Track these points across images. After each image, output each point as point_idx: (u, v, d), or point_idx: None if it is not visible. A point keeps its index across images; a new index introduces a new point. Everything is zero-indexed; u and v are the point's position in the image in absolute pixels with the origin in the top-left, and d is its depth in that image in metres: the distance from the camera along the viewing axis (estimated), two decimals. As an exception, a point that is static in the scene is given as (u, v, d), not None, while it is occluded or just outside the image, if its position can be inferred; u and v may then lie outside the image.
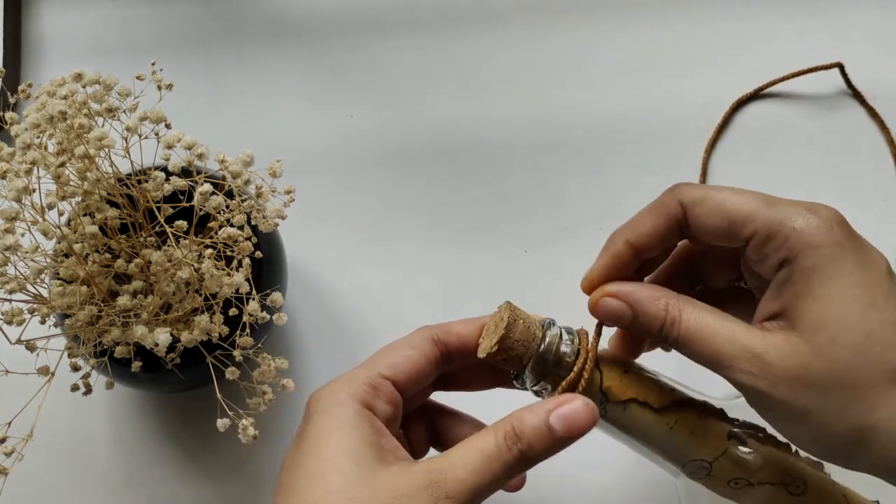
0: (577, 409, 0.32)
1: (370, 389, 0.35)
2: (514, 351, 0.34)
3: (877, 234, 0.53)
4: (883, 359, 0.30)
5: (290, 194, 0.39)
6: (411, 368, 0.36)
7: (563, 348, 0.34)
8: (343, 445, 0.33)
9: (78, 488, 0.49)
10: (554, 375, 0.34)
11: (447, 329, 0.37)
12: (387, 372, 0.36)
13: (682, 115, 0.56)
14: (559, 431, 0.32)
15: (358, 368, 0.36)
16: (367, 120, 0.57)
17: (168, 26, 0.60)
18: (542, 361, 0.34)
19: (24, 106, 0.54)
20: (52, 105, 0.35)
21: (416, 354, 0.36)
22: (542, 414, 0.32)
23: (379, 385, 0.35)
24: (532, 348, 0.34)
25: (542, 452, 0.32)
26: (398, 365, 0.36)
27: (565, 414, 0.32)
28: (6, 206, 0.34)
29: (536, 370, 0.34)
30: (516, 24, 0.59)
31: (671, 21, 0.59)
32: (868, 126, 0.56)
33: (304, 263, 0.52)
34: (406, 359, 0.36)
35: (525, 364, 0.34)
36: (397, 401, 0.36)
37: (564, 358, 0.34)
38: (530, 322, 0.34)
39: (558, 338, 0.34)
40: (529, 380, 0.35)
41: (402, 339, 0.37)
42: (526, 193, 0.55)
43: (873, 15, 0.58)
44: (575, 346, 0.35)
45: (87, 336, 0.38)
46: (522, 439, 0.32)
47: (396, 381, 0.36)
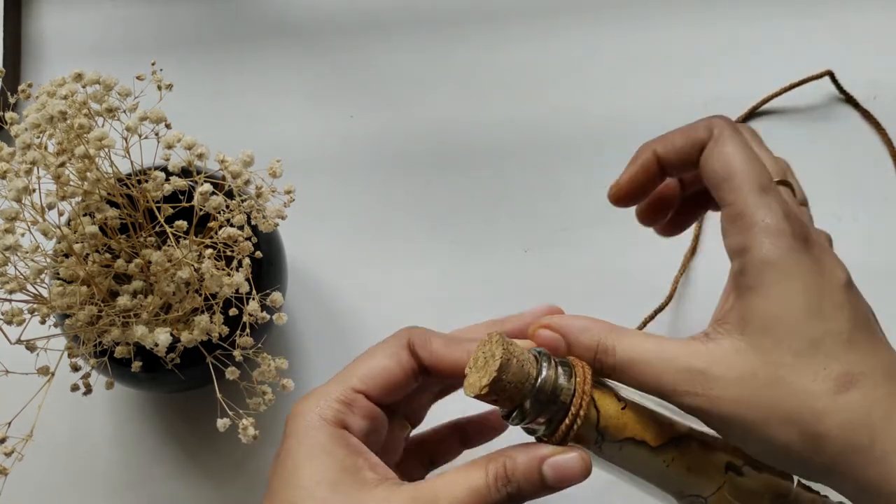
0: (572, 461, 0.32)
1: (343, 407, 0.34)
2: (506, 392, 0.32)
3: (877, 234, 0.53)
4: (825, 367, 0.30)
5: (290, 194, 0.39)
6: (386, 380, 0.34)
7: (560, 383, 0.32)
8: (316, 475, 0.32)
9: (78, 488, 0.49)
10: (548, 412, 0.32)
11: (425, 342, 0.35)
12: (359, 386, 0.34)
13: (682, 115, 0.56)
14: (550, 480, 0.31)
15: (330, 383, 0.35)
16: (367, 120, 0.57)
17: (168, 26, 0.60)
18: (537, 401, 0.32)
19: (24, 106, 0.54)
20: (52, 105, 0.35)
21: (390, 365, 0.35)
22: (536, 460, 0.32)
23: (352, 401, 0.34)
24: (526, 388, 0.32)
25: (529, 496, 0.32)
26: (372, 378, 0.34)
27: (559, 464, 0.32)
28: (6, 206, 0.34)
29: (531, 409, 0.32)
30: (516, 24, 0.59)
31: (671, 21, 0.59)
32: (864, 129, 0.56)
33: (304, 263, 0.52)
34: (381, 370, 0.34)
35: (517, 403, 0.32)
36: (374, 414, 0.34)
37: (560, 395, 0.32)
38: (524, 360, 0.32)
39: (554, 375, 0.32)
40: (521, 419, 0.33)
41: (377, 347, 0.36)
42: (526, 193, 0.55)
43: (873, 15, 0.58)
44: (571, 383, 0.32)
45: (87, 336, 0.38)
46: (512, 482, 0.31)
47: (370, 394, 0.34)
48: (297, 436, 0.33)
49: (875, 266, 0.52)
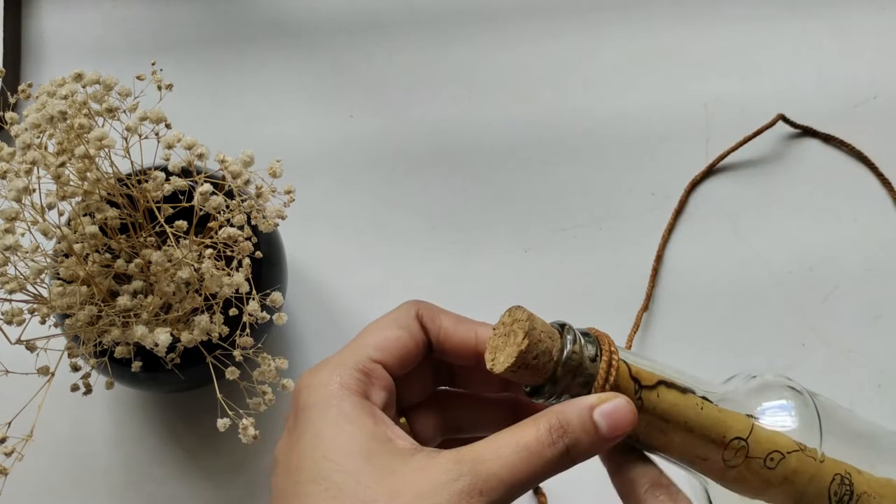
0: (620, 406, 0.30)
1: (363, 377, 0.31)
2: (534, 365, 0.30)
3: (877, 234, 0.53)
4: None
5: (290, 194, 0.39)
6: (400, 350, 0.33)
7: (587, 351, 0.31)
8: (347, 444, 0.29)
9: (78, 488, 0.49)
10: (579, 380, 0.31)
11: (434, 315, 0.34)
12: (377, 356, 0.32)
13: (682, 115, 0.56)
14: (604, 429, 0.29)
15: (345, 352, 0.32)
16: (367, 120, 0.57)
17: (168, 26, 0.60)
18: (566, 373, 0.30)
19: (24, 106, 0.54)
20: (52, 105, 0.35)
21: (404, 336, 0.33)
22: (586, 410, 0.29)
23: (371, 371, 0.32)
24: (552, 362, 0.30)
25: (585, 451, 0.29)
26: (387, 347, 0.32)
27: (609, 411, 0.29)
28: (6, 206, 0.34)
29: (561, 380, 0.31)
30: (516, 25, 0.59)
31: (672, 22, 0.59)
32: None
33: (304, 263, 0.53)
34: (395, 340, 0.33)
35: (547, 375, 0.31)
36: (391, 386, 0.33)
37: (587, 366, 0.31)
38: (548, 332, 0.31)
39: (580, 346, 0.31)
40: (552, 391, 0.31)
41: (388, 317, 0.34)
42: (526, 193, 0.55)
43: (873, 15, 0.58)
44: (596, 349, 0.31)
45: (87, 336, 0.38)
46: (569, 433, 0.29)
47: (387, 364, 0.32)
48: (317, 406, 0.30)
49: (875, 266, 0.52)
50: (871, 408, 0.49)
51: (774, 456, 0.34)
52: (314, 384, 0.31)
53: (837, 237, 0.53)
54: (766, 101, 0.56)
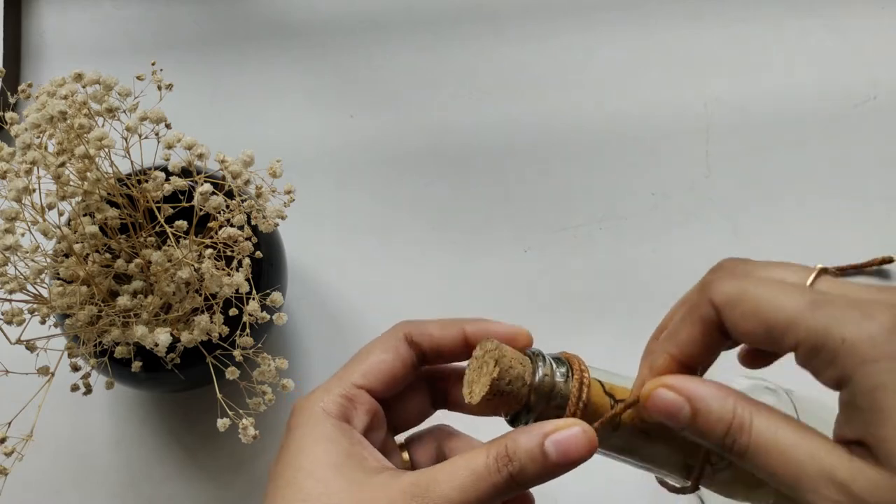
0: (574, 434, 0.30)
1: (345, 402, 0.34)
2: (506, 394, 0.31)
3: (877, 234, 0.53)
4: None
5: (290, 194, 0.39)
6: (386, 374, 0.35)
7: (558, 378, 0.32)
8: (321, 457, 0.33)
9: (78, 488, 0.49)
10: (553, 406, 0.32)
11: (422, 329, 0.36)
12: (360, 381, 0.35)
13: (682, 115, 0.56)
14: (553, 457, 0.30)
15: (332, 380, 0.35)
16: (367, 120, 0.57)
17: (168, 26, 0.60)
18: (539, 397, 0.32)
19: (24, 106, 0.54)
20: (52, 105, 0.35)
21: (389, 358, 0.35)
22: (538, 437, 0.31)
23: (354, 396, 0.35)
24: (525, 387, 0.32)
25: (533, 477, 0.31)
26: (372, 372, 0.35)
27: (560, 439, 0.30)
28: (6, 206, 0.34)
29: (534, 408, 0.32)
30: (516, 25, 0.59)
31: (671, 22, 0.59)
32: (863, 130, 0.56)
33: (304, 263, 0.53)
34: (379, 363, 0.35)
35: (521, 404, 0.32)
36: (374, 409, 0.35)
37: (560, 388, 0.32)
38: (518, 360, 0.32)
39: (550, 370, 0.32)
40: (527, 418, 0.32)
41: (375, 342, 0.36)
42: (526, 193, 0.55)
43: (873, 15, 0.58)
44: (567, 374, 0.32)
45: (87, 336, 0.38)
46: (514, 461, 0.31)
47: (371, 389, 0.35)
48: (301, 427, 0.34)
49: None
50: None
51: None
52: (303, 408, 0.35)
53: (838, 236, 0.53)
54: (766, 101, 0.56)
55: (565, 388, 0.32)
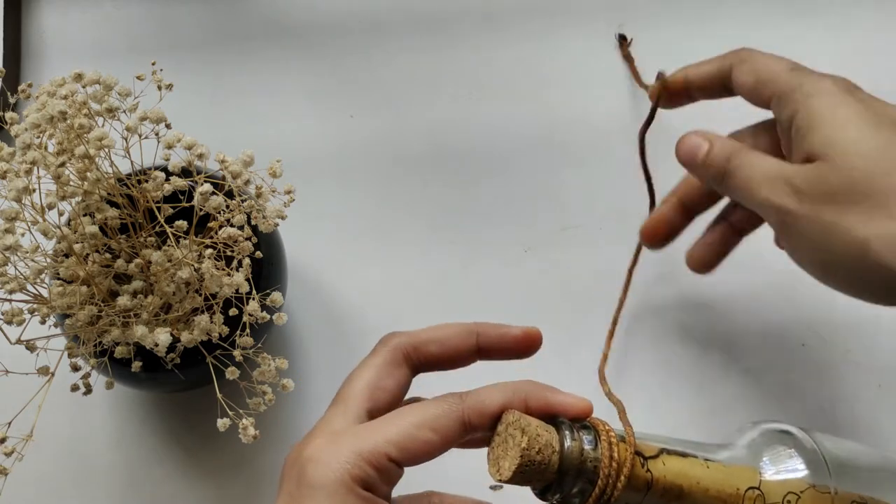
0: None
1: (373, 472, 0.31)
2: (532, 472, 0.30)
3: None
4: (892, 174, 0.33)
5: (290, 194, 0.39)
6: (423, 453, 0.31)
7: (586, 446, 0.31)
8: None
9: (78, 488, 0.49)
10: (581, 481, 0.31)
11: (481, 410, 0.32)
12: (395, 454, 0.31)
13: (682, 115, 0.56)
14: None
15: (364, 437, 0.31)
16: (367, 120, 0.57)
17: (168, 26, 0.60)
18: (570, 465, 0.31)
19: (24, 106, 0.54)
20: (52, 105, 0.35)
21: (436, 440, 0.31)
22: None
23: (384, 469, 0.31)
24: (552, 463, 0.31)
25: None
26: (411, 448, 0.31)
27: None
28: (6, 206, 0.34)
29: (562, 483, 0.31)
30: (515, 25, 0.59)
31: (670, 21, 0.59)
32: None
33: (304, 263, 0.53)
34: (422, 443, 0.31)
35: (554, 470, 0.31)
36: (398, 478, 0.32)
37: (587, 463, 0.31)
38: (545, 435, 0.31)
39: (578, 444, 0.31)
40: (559, 489, 0.31)
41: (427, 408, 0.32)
42: (526, 193, 0.55)
43: (873, 15, 0.58)
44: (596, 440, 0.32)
45: (87, 336, 0.38)
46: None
47: (403, 463, 0.31)
48: (325, 490, 0.30)
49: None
50: (871, 408, 0.49)
51: (790, 498, 0.34)
52: (324, 462, 0.31)
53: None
54: (766, 101, 0.56)
55: (594, 455, 0.31)
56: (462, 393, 0.33)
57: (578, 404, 0.33)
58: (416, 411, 0.32)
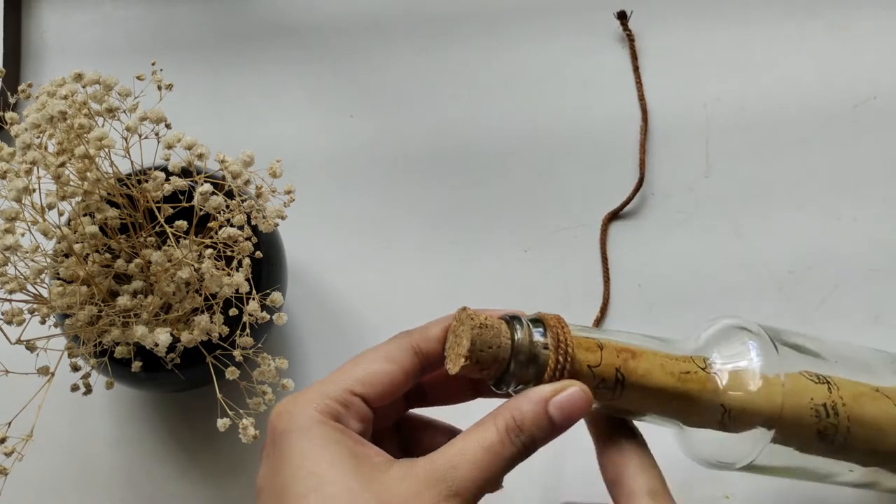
0: (573, 395, 0.32)
1: (340, 407, 0.33)
2: (485, 360, 0.32)
3: (877, 234, 0.53)
4: None
5: (290, 194, 0.39)
6: (386, 385, 0.34)
7: (536, 342, 0.33)
8: (331, 459, 0.31)
9: (78, 488, 0.49)
10: (535, 370, 0.33)
11: (426, 335, 0.35)
12: (358, 389, 0.33)
13: (681, 115, 0.56)
14: (558, 420, 0.32)
15: (327, 381, 0.34)
16: (367, 120, 0.57)
17: (168, 26, 0.60)
18: (519, 362, 0.32)
19: (24, 106, 0.54)
20: (52, 105, 0.35)
21: (393, 370, 0.34)
22: (541, 404, 0.32)
23: (350, 403, 0.33)
24: (505, 353, 0.32)
25: (542, 441, 0.32)
26: (372, 381, 0.34)
27: (562, 402, 0.32)
28: (6, 206, 0.34)
29: (516, 371, 0.33)
30: (515, 26, 0.59)
31: (671, 22, 0.59)
32: (863, 130, 0.56)
33: (304, 263, 0.53)
34: (382, 375, 0.34)
35: (503, 368, 0.33)
36: (367, 417, 0.34)
37: (540, 352, 0.33)
38: (494, 325, 0.33)
39: (528, 332, 0.33)
40: (511, 383, 0.33)
41: (379, 349, 0.35)
42: (526, 193, 0.55)
43: (873, 15, 0.58)
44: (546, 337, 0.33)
45: (87, 336, 0.38)
46: (524, 432, 0.32)
47: (368, 398, 0.34)
48: (299, 430, 0.32)
49: (875, 266, 0.52)
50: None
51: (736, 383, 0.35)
52: (293, 411, 0.33)
53: (838, 237, 0.53)
54: (766, 101, 0.56)
55: (544, 351, 0.33)
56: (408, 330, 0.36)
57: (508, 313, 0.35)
58: (371, 352, 0.35)
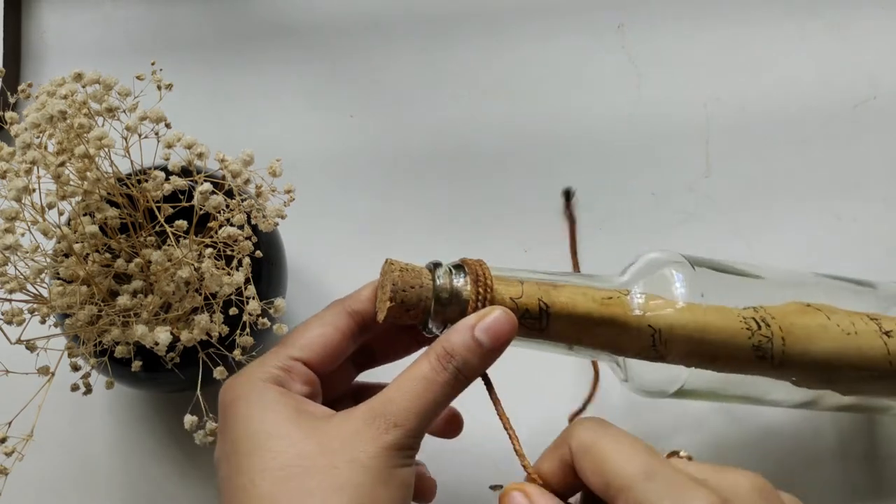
0: (497, 318, 0.33)
1: (282, 373, 0.34)
2: (409, 302, 0.34)
3: (877, 234, 0.53)
4: None
5: (290, 194, 0.39)
6: (324, 346, 0.36)
7: (457, 281, 0.35)
8: (274, 417, 0.32)
9: (78, 488, 0.49)
10: (459, 307, 0.34)
11: (358, 297, 0.37)
12: (297, 354, 0.35)
13: (681, 115, 0.56)
14: (487, 343, 0.33)
15: (268, 354, 0.35)
16: (367, 120, 0.57)
17: (168, 26, 0.60)
18: (441, 300, 0.34)
19: (24, 106, 0.54)
20: (52, 105, 0.35)
21: (328, 331, 0.36)
22: (467, 330, 0.33)
23: (291, 367, 0.35)
24: (427, 293, 0.34)
25: (475, 367, 0.33)
26: (310, 345, 0.35)
27: (488, 325, 0.33)
28: (6, 205, 0.34)
29: (439, 311, 0.34)
30: (516, 26, 0.59)
31: (670, 22, 0.59)
32: (864, 131, 0.56)
33: (304, 263, 0.52)
34: (318, 337, 0.36)
35: (427, 310, 0.34)
36: (312, 380, 0.35)
37: (461, 289, 0.34)
38: (415, 270, 0.35)
39: (449, 274, 0.35)
40: (436, 324, 0.35)
41: (313, 317, 0.37)
42: (526, 193, 0.55)
43: (873, 15, 0.58)
44: (466, 276, 0.35)
45: (87, 336, 0.38)
46: (455, 356, 0.33)
47: (309, 361, 0.35)
48: (241, 398, 0.34)
49: (875, 266, 0.52)
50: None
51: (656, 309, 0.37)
52: (235, 384, 0.35)
53: (838, 237, 0.53)
54: (766, 101, 0.56)
55: (465, 291, 0.34)
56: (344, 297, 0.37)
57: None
58: (307, 321, 0.36)
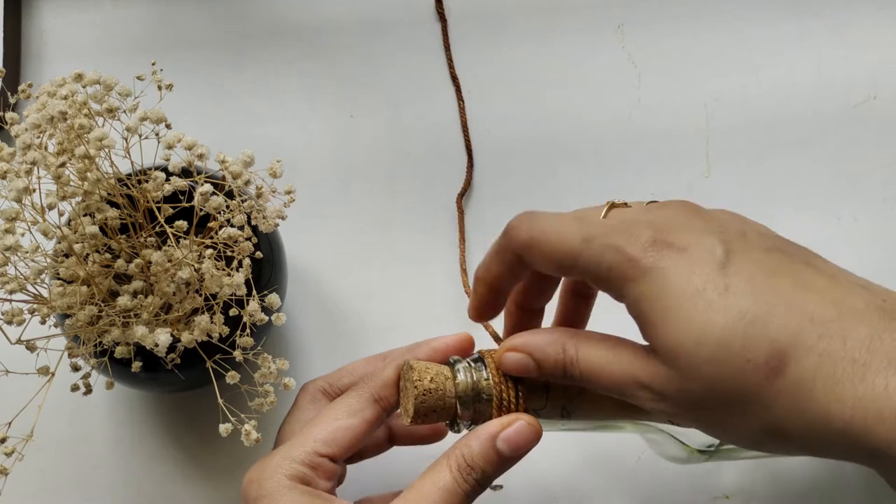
0: (521, 429, 0.34)
1: (308, 470, 0.35)
2: (434, 410, 0.34)
3: (877, 234, 0.53)
4: (747, 358, 0.29)
5: (291, 194, 0.39)
6: (351, 441, 0.36)
7: (480, 381, 0.35)
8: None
9: (78, 488, 0.49)
10: (484, 407, 0.35)
11: (384, 382, 0.37)
12: (324, 449, 0.35)
13: (682, 115, 0.56)
14: (507, 453, 0.33)
15: (294, 445, 0.36)
16: (367, 120, 0.57)
17: (168, 26, 0.60)
18: (466, 402, 0.35)
19: (24, 106, 0.54)
20: (52, 105, 0.35)
21: (355, 423, 0.36)
22: (488, 440, 0.33)
23: (318, 465, 0.35)
24: (450, 395, 0.34)
25: (494, 475, 0.34)
26: (336, 439, 0.36)
27: (510, 437, 0.33)
28: (6, 206, 0.34)
29: (465, 413, 0.35)
30: (516, 25, 0.59)
31: (670, 22, 0.59)
32: (864, 130, 0.56)
33: (304, 263, 0.53)
34: (346, 430, 0.36)
35: (452, 412, 0.35)
36: (336, 473, 0.36)
37: (484, 387, 0.35)
38: (437, 375, 0.35)
39: (470, 376, 0.35)
40: (464, 424, 0.35)
41: (341, 404, 0.37)
42: (526, 194, 0.55)
43: (873, 15, 0.58)
44: (487, 373, 0.35)
45: (87, 336, 0.38)
46: (475, 469, 0.33)
47: (335, 456, 0.36)
48: (268, 497, 0.34)
49: (875, 266, 0.52)
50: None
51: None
52: (262, 478, 0.35)
53: (838, 237, 0.53)
54: (766, 100, 0.56)
55: (485, 375, 0.35)
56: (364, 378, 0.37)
57: (458, 337, 0.37)
58: (333, 408, 0.37)
